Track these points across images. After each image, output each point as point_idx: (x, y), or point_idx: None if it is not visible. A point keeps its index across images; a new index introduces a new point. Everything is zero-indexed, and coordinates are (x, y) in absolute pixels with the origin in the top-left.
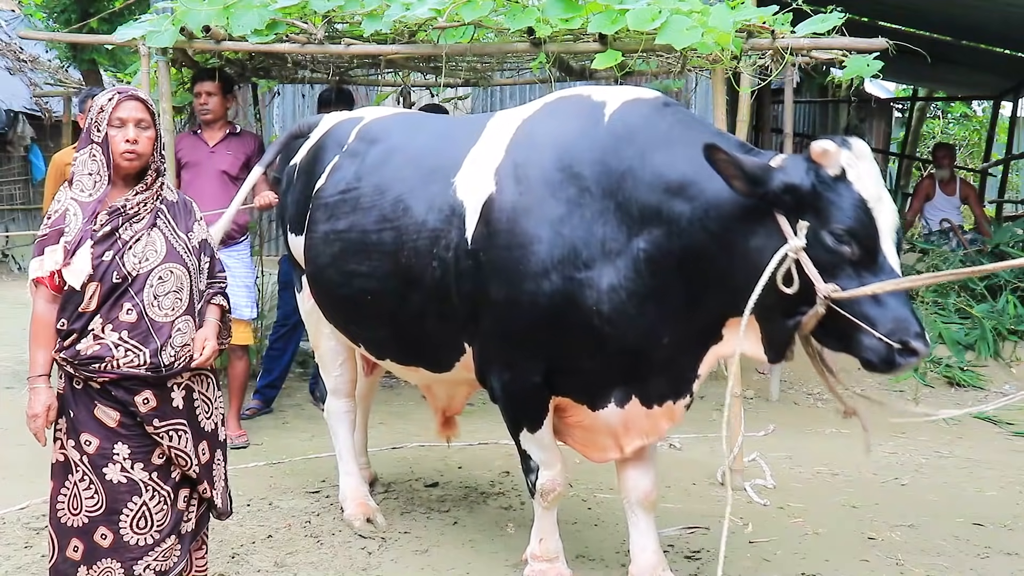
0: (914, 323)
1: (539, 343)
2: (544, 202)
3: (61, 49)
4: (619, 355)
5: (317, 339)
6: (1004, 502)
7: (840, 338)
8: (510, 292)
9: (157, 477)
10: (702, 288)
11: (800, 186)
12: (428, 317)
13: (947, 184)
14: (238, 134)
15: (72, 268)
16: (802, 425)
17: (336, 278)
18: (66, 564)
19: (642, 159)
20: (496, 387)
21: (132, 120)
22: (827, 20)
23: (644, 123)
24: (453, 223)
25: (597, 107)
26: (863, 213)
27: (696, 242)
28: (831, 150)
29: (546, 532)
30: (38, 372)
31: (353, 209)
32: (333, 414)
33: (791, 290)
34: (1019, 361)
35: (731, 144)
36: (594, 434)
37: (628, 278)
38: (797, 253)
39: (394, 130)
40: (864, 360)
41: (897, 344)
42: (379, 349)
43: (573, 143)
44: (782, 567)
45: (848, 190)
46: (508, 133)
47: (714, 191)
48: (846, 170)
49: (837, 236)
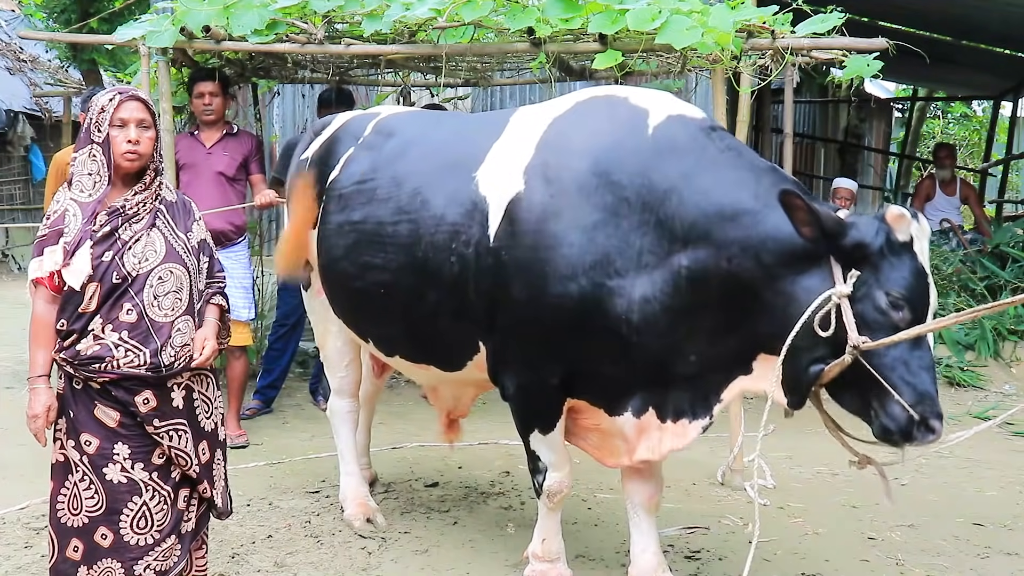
0: (938, 404)
1: (561, 345)
2: (577, 206)
3: (61, 49)
4: (643, 364)
5: (324, 338)
6: (1004, 502)
7: (860, 398)
8: (534, 293)
9: (157, 477)
10: (739, 315)
11: (870, 245)
12: (443, 314)
13: (947, 184)
14: (235, 134)
15: (72, 268)
16: (802, 425)
17: (349, 270)
18: (66, 564)
19: (689, 179)
20: (510, 387)
21: (134, 120)
22: (827, 20)
23: (692, 144)
24: (475, 218)
25: (638, 115)
26: (923, 285)
27: (745, 270)
28: (906, 216)
29: (549, 532)
30: (38, 372)
31: (369, 200)
32: (336, 414)
33: (825, 334)
34: (1019, 361)
35: (787, 182)
36: (611, 438)
37: (665, 292)
38: (841, 299)
39: (412, 124)
40: (881, 426)
41: (918, 417)
42: (389, 346)
43: (612, 150)
44: (782, 567)
45: (913, 260)
46: (538, 131)
47: (773, 225)
48: (914, 240)
49: (893, 300)
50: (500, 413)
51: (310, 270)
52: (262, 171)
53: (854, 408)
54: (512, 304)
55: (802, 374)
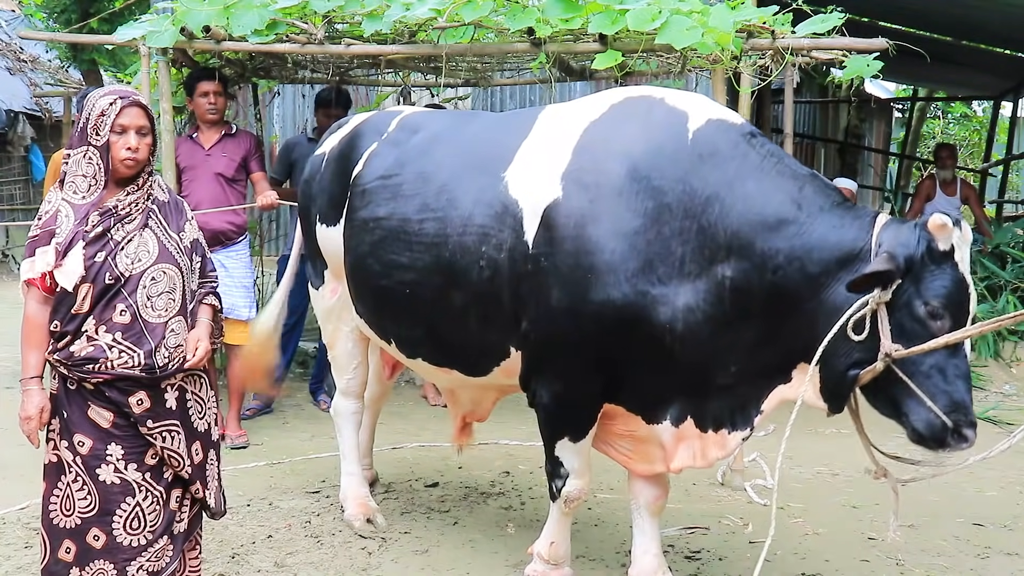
0: (972, 413)
1: (601, 353)
2: (617, 211)
3: (61, 49)
4: (685, 374)
5: (334, 339)
6: (1004, 502)
7: (894, 403)
8: (574, 300)
9: (150, 478)
10: (782, 324)
11: (913, 256)
12: (471, 318)
13: (948, 185)
14: (233, 135)
15: (64, 269)
16: (802, 425)
17: (375, 268)
18: (58, 566)
19: (731, 187)
20: (544, 395)
21: (134, 127)
22: (827, 20)
23: (734, 150)
24: (506, 223)
25: (678, 119)
26: (963, 296)
27: (789, 281)
28: (948, 225)
29: (558, 536)
30: (30, 374)
31: (394, 196)
32: (341, 413)
33: (858, 338)
34: (1019, 361)
35: (827, 192)
36: (646, 445)
37: (708, 302)
38: (878, 305)
39: (436, 121)
40: (915, 431)
41: (952, 424)
42: (412, 347)
43: (652, 155)
44: (782, 567)
45: (954, 270)
46: (573, 136)
47: (819, 235)
48: (955, 249)
49: (932, 310)
50: (500, 413)
51: (323, 268)
52: (263, 169)
53: (888, 412)
54: (552, 311)
55: (840, 379)
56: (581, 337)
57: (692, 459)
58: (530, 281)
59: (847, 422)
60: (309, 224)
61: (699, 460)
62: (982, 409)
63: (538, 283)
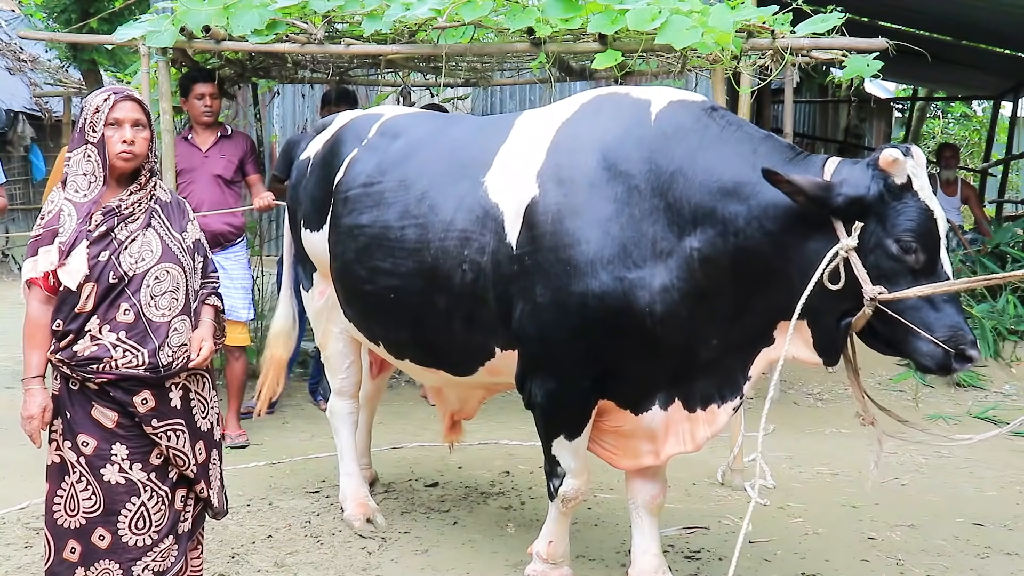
0: (968, 331)
1: (589, 345)
2: (590, 202)
3: (61, 49)
4: (668, 356)
5: (325, 340)
6: (1004, 502)
7: (892, 342)
8: (558, 294)
9: (155, 477)
10: (755, 289)
11: (865, 196)
12: (455, 320)
13: (948, 185)
14: (230, 136)
15: (68, 268)
16: (802, 425)
17: (360, 273)
18: (63, 566)
19: (693, 159)
20: (539, 394)
21: (128, 121)
22: (827, 20)
23: (694, 123)
24: (488, 226)
25: (641, 106)
26: (929, 223)
27: (752, 242)
28: (900, 159)
29: (557, 536)
30: (32, 374)
31: (376, 203)
32: (336, 414)
33: (836, 287)
34: (1019, 361)
35: (780, 149)
36: (631, 439)
37: (681, 278)
38: (848, 252)
39: (416, 126)
40: (920, 364)
41: (952, 350)
42: (399, 349)
43: (619, 141)
44: (782, 567)
45: (915, 200)
46: (547, 136)
47: (773, 193)
48: (912, 179)
49: (904, 245)
50: (500, 413)
51: (312, 271)
52: (259, 171)
53: (891, 352)
54: (539, 308)
55: (832, 332)
56: (569, 331)
57: (682, 445)
58: (518, 282)
59: (847, 422)
60: (296, 228)
61: (689, 444)
62: (982, 409)
63: (525, 283)
